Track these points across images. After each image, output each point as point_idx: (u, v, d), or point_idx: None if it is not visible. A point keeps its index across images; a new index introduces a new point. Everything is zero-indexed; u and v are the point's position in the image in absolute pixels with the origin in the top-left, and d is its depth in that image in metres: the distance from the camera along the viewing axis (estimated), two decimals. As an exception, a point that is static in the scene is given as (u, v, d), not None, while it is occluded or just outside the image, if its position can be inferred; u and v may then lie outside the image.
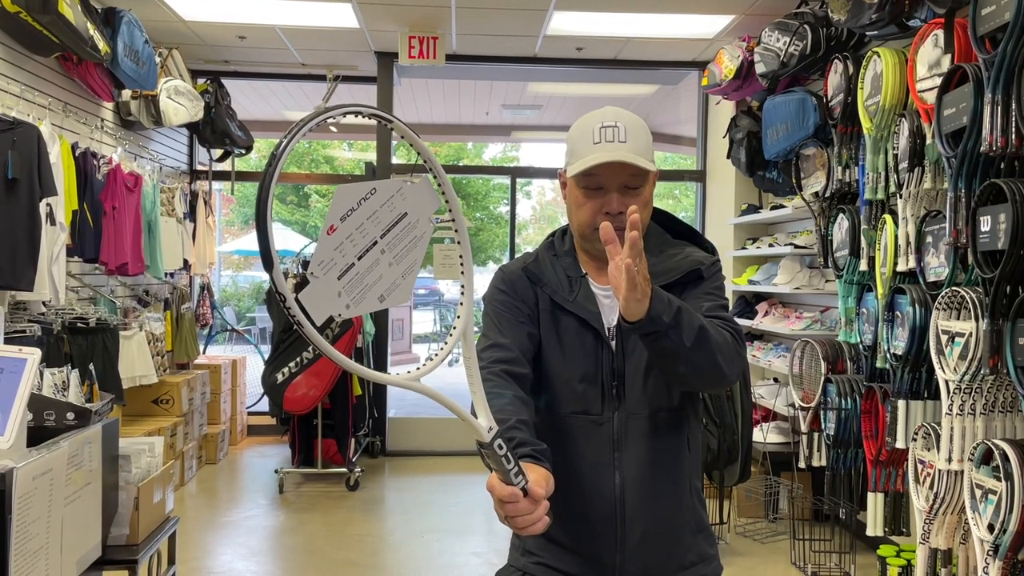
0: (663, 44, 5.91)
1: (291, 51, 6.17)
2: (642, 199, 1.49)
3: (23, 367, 1.91)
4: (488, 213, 19.05)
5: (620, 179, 1.47)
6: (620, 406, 1.51)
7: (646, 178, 1.50)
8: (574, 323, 1.53)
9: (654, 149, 1.59)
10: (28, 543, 1.86)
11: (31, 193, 3.60)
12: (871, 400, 3.63)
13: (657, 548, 1.53)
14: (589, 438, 1.51)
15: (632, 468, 1.50)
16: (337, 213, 1.02)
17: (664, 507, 1.53)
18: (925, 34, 3.16)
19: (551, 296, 1.55)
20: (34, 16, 3.76)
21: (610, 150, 1.45)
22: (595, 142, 1.46)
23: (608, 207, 1.47)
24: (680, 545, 1.55)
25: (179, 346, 5.95)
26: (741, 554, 4.32)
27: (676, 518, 1.55)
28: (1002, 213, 2.53)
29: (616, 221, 1.41)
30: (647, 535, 1.51)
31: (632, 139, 1.46)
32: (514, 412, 1.35)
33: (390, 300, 1.05)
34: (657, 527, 1.53)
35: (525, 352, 1.50)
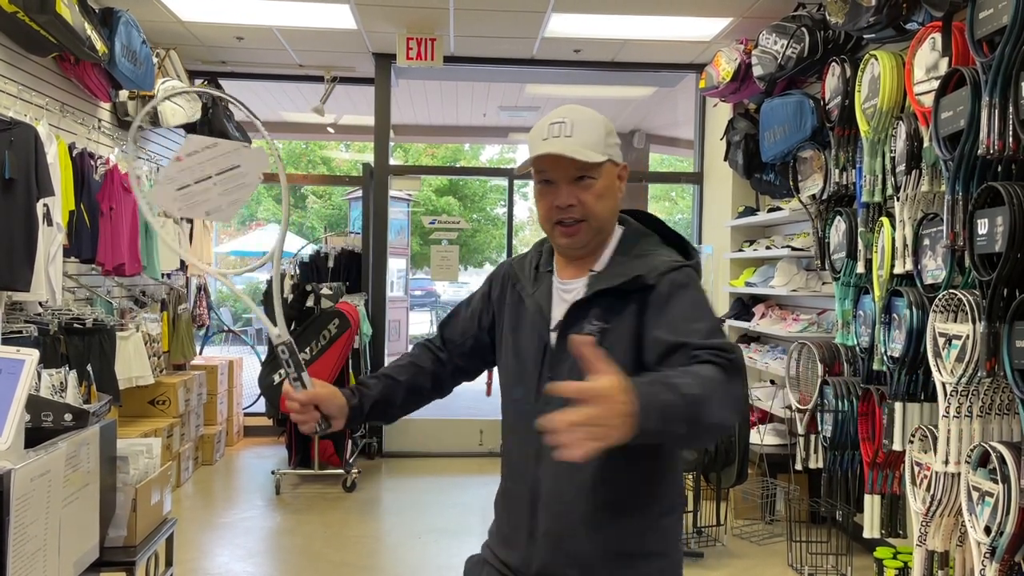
0: (661, 46, 5.92)
1: (289, 52, 6.17)
2: (594, 192, 1.51)
3: (21, 368, 1.90)
4: (485, 215, 19.06)
5: (566, 172, 1.51)
6: (549, 400, 1.47)
7: (596, 170, 1.51)
8: (529, 315, 1.61)
9: (650, 150, 1.59)
10: (26, 545, 1.85)
11: (28, 193, 3.59)
12: (868, 402, 3.63)
13: (559, 549, 1.51)
14: (523, 425, 1.55)
15: (550, 463, 1.49)
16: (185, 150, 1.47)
17: (571, 510, 1.50)
18: (923, 37, 3.16)
19: (519, 290, 1.65)
20: (31, 16, 3.75)
21: (551, 144, 1.49)
22: (543, 139, 1.51)
23: (558, 200, 1.52)
24: (587, 553, 1.49)
25: (176, 347, 5.94)
26: (738, 556, 4.33)
27: (584, 525, 1.49)
28: (999, 216, 2.54)
29: (564, 213, 1.52)
30: (549, 533, 1.52)
31: (579, 133, 1.50)
32: (391, 369, 1.73)
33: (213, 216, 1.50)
34: (559, 528, 1.51)
35: (454, 340, 1.76)
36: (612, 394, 1.15)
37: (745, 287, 5.47)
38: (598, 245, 1.58)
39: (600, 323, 1.50)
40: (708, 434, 1.34)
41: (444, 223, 7.02)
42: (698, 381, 1.28)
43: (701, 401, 1.25)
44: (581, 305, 1.52)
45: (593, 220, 1.53)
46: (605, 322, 1.50)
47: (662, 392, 1.22)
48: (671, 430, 1.24)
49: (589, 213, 1.52)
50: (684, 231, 14.23)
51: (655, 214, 1.70)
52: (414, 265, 16.26)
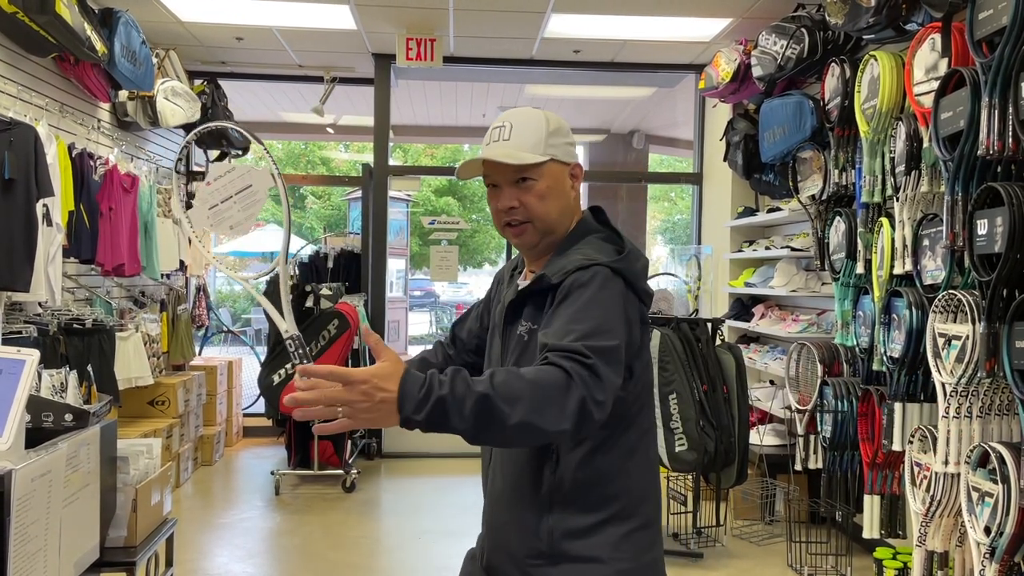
0: (660, 47, 5.93)
1: (288, 52, 6.17)
2: (535, 193, 1.53)
3: (21, 368, 1.90)
4: (484, 215, 19.03)
5: (506, 175, 1.53)
6: None
7: (536, 171, 1.52)
8: (496, 317, 1.66)
9: (650, 150, 1.60)
10: (27, 545, 1.85)
11: (28, 194, 3.59)
12: (867, 403, 3.63)
13: (496, 542, 1.57)
14: None
15: (496, 460, 1.59)
16: (212, 176, 1.70)
17: (504, 504, 1.56)
18: (922, 38, 3.17)
19: (500, 291, 1.72)
20: (31, 16, 3.75)
21: (488, 150, 1.54)
22: (486, 144, 1.56)
23: (499, 202, 1.56)
24: (517, 548, 1.51)
25: (175, 347, 5.94)
26: (737, 556, 4.33)
27: (512, 526, 1.52)
28: (999, 216, 2.54)
29: (509, 215, 1.55)
30: (492, 528, 1.59)
31: (517, 136, 1.52)
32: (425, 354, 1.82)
33: (237, 230, 1.70)
34: (497, 524, 1.58)
35: (462, 338, 1.81)
36: (367, 379, 1.20)
37: (745, 287, 5.47)
38: (551, 245, 1.58)
39: (528, 323, 1.53)
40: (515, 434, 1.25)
41: (443, 224, 7.02)
42: (513, 380, 1.26)
43: (505, 400, 1.23)
44: (515, 306, 1.57)
45: (537, 221, 1.54)
46: (533, 322, 1.53)
47: (443, 387, 1.22)
48: (448, 423, 1.22)
49: (532, 214, 1.53)
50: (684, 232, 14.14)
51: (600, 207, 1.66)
52: (413, 266, 16.25)
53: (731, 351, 4.38)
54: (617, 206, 9.64)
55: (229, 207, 1.67)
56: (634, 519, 1.50)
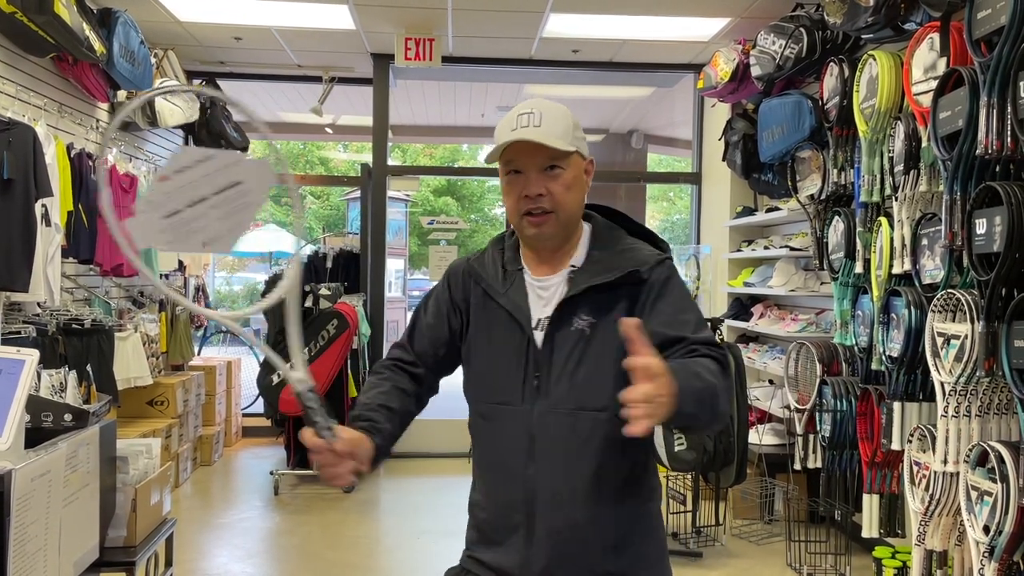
0: (659, 47, 5.93)
1: (287, 52, 6.17)
2: (562, 182, 1.51)
3: (21, 368, 1.90)
4: (483, 215, 19.06)
5: (535, 160, 1.50)
6: (539, 398, 1.50)
7: (565, 160, 1.51)
8: (504, 315, 1.56)
9: (648, 150, 1.60)
10: (26, 545, 1.85)
11: (26, 194, 3.59)
12: (866, 402, 3.64)
13: (563, 549, 1.50)
14: (508, 428, 1.53)
15: (547, 462, 1.50)
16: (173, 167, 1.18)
17: (575, 507, 1.49)
18: (921, 37, 3.17)
19: (485, 289, 1.60)
20: (30, 16, 3.75)
21: (522, 132, 1.48)
22: (512, 129, 1.50)
23: (527, 189, 1.51)
24: (592, 550, 1.50)
25: (174, 347, 5.94)
26: (737, 556, 4.33)
27: (589, 521, 1.50)
28: (997, 216, 2.54)
29: (534, 203, 1.50)
30: (552, 532, 1.50)
31: (547, 123, 1.49)
32: (382, 399, 1.56)
33: (212, 247, 1.21)
34: (564, 526, 1.50)
35: (427, 353, 1.65)
36: (664, 373, 1.22)
37: (743, 287, 5.47)
38: (566, 239, 1.57)
39: (589, 318, 1.50)
40: (719, 423, 1.39)
41: (442, 223, 7.02)
42: (709, 373, 1.37)
43: (716, 391, 1.35)
44: (569, 301, 1.52)
45: (561, 211, 1.52)
46: (593, 317, 1.50)
47: (693, 378, 1.31)
48: (699, 415, 1.33)
49: (557, 204, 1.51)
50: (682, 231, 14.18)
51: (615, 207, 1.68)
52: (412, 265, 16.26)
53: (730, 350, 4.38)
54: (616, 206, 9.61)
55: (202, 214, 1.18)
56: (658, 492, 1.62)
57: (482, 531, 1.61)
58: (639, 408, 1.18)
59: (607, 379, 1.46)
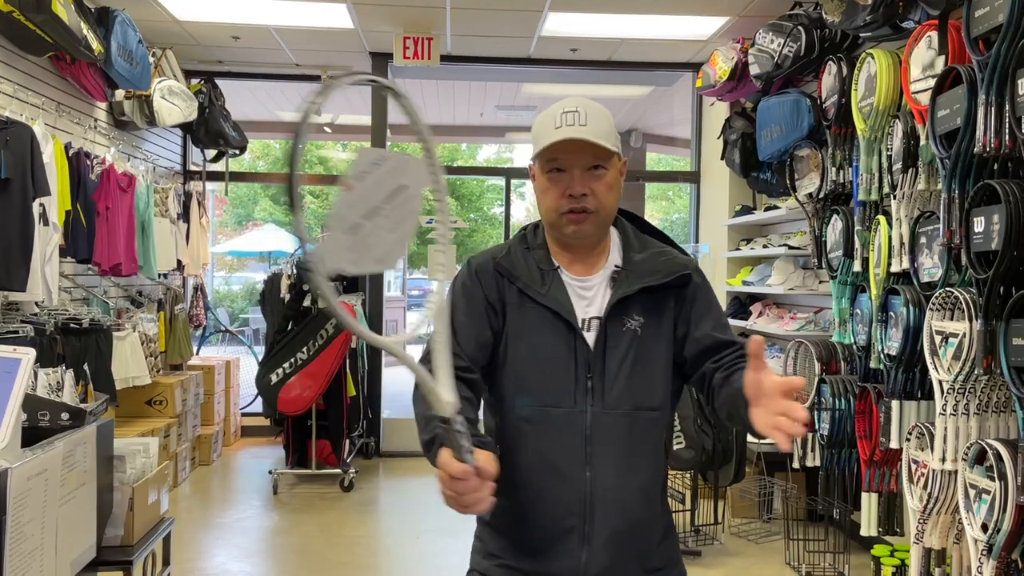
0: (657, 45, 5.92)
1: (285, 51, 6.16)
2: (605, 182, 1.50)
3: (17, 367, 1.90)
4: (482, 214, 19.05)
5: (581, 160, 1.48)
6: (595, 400, 1.49)
7: (609, 160, 1.50)
8: (547, 315, 1.51)
9: (647, 149, 1.60)
10: (23, 544, 1.85)
11: (24, 193, 3.58)
12: (865, 400, 3.64)
13: (624, 549, 1.50)
14: (561, 431, 1.49)
15: (605, 464, 1.48)
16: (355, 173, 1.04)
17: (634, 507, 1.51)
18: (919, 36, 3.17)
19: (522, 289, 1.53)
20: (27, 15, 3.74)
21: (570, 131, 1.47)
22: (556, 127, 1.48)
23: (571, 188, 1.49)
24: (646, 548, 1.54)
25: (172, 347, 5.93)
26: (735, 554, 4.33)
27: (645, 520, 1.53)
28: (995, 214, 2.54)
29: (577, 202, 1.48)
30: (615, 534, 1.48)
31: (593, 123, 1.48)
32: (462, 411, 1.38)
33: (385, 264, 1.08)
34: (626, 527, 1.50)
35: (476, 356, 1.52)
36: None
37: (742, 286, 5.47)
38: (600, 239, 1.57)
39: (640, 319, 1.51)
40: None
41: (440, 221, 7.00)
42: None
43: None
44: (621, 301, 1.51)
45: (602, 211, 1.51)
46: (643, 318, 1.52)
47: None
48: None
49: (600, 204, 1.50)
50: (681, 230, 14.16)
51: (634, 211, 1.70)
52: (411, 265, 16.25)
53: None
54: (614, 205, 9.62)
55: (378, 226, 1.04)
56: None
57: (520, 540, 1.53)
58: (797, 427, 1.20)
59: (659, 379, 1.52)
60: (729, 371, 1.47)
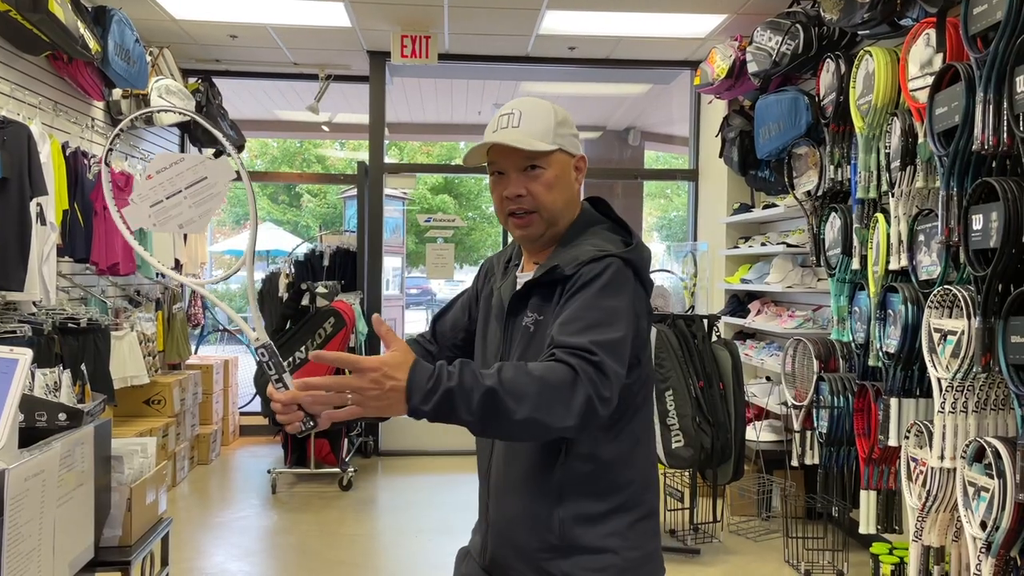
0: (655, 43, 5.92)
1: (283, 50, 6.15)
2: (543, 181, 1.51)
3: (14, 367, 1.89)
4: (480, 212, 19.04)
5: (514, 161, 1.51)
6: None
7: (545, 160, 1.51)
8: (494, 308, 1.63)
9: (645, 147, 1.59)
10: (20, 544, 1.84)
11: (21, 193, 3.58)
12: (863, 398, 3.64)
13: (511, 535, 1.53)
14: None
15: (496, 455, 1.57)
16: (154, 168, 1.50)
17: (512, 498, 1.52)
18: (917, 33, 3.17)
19: (492, 283, 1.68)
20: (24, 14, 3.73)
21: (499, 135, 1.50)
22: (493, 130, 1.52)
23: (507, 190, 1.52)
24: (527, 546, 1.49)
25: (170, 346, 5.93)
26: (734, 552, 4.33)
27: (525, 517, 1.49)
28: (994, 211, 2.54)
29: (515, 204, 1.52)
30: (502, 519, 1.54)
31: (527, 123, 1.50)
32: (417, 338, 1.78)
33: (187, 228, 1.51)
34: (504, 517, 1.54)
35: (445, 334, 1.76)
36: (377, 367, 1.22)
37: (741, 284, 5.47)
38: (554, 238, 1.57)
39: (535, 315, 1.52)
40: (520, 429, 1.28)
41: (439, 221, 7.02)
42: (521, 377, 1.28)
43: (510, 395, 1.25)
44: (520, 297, 1.54)
45: (544, 211, 1.52)
46: (539, 314, 1.51)
47: (451, 378, 1.24)
48: (455, 415, 1.25)
49: (539, 204, 1.51)
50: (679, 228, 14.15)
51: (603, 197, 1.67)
52: (410, 263, 16.25)
53: (727, 347, 4.38)
54: (613, 203, 9.59)
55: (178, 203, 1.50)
56: (640, 508, 1.52)
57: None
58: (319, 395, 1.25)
59: None
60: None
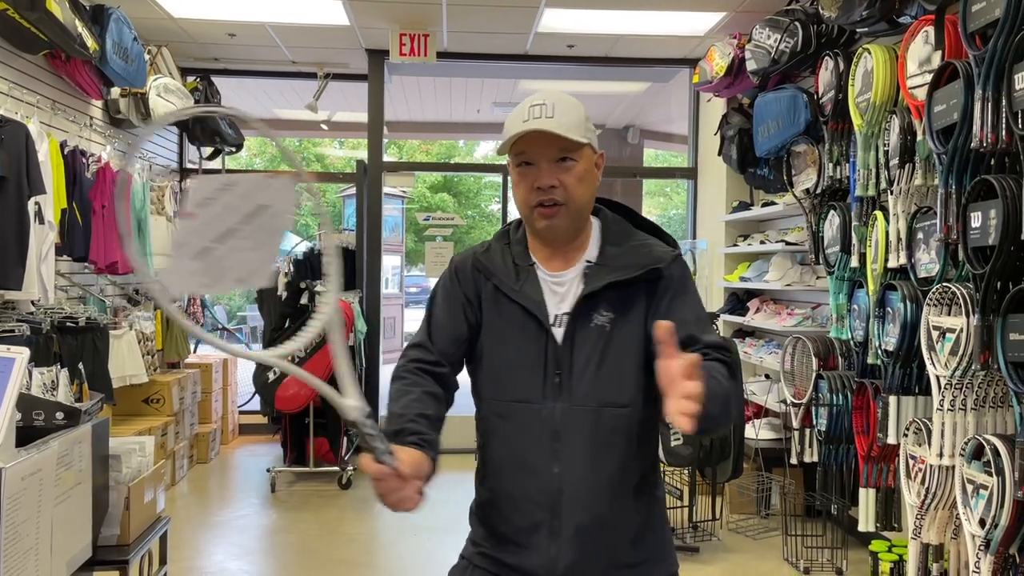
0: (654, 41, 5.91)
1: (281, 49, 6.15)
2: (574, 174, 1.49)
3: (11, 366, 1.89)
4: (479, 211, 19.04)
5: (548, 152, 1.48)
6: (562, 396, 1.49)
7: (577, 152, 1.50)
8: (519, 312, 1.53)
9: (644, 145, 1.59)
10: (18, 543, 1.84)
11: (19, 191, 3.57)
12: (862, 396, 3.64)
13: (591, 544, 1.49)
14: (530, 426, 1.50)
15: (572, 460, 1.48)
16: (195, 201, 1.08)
17: (601, 503, 1.49)
18: (915, 31, 3.16)
19: (498, 286, 1.55)
20: (22, 13, 3.73)
21: (534, 123, 1.47)
22: (524, 120, 1.48)
23: (539, 181, 1.48)
24: (616, 543, 1.51)
25: (169, 345, 5.92)
26: (733, 550, 4.33)
27: (616, 516, 1.51)
28: (992, 209, 2.54)
29: (545, 195, 1.48)
30: (582, 529, 1.48)
31: (560, 114, 1.47)
32: (418, 407, 1.45)
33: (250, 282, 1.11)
34: (592, 522, 1.49)
35: (450, 352, 1.57)
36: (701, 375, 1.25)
37: (739, 282, 5.47)
38: (577, 233, 1.56)
39: (609, 314, 1.50)
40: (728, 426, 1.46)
41: (438, 220, 7.01)
42: (723, 377, 1.40)
43: (731, 395, 1.40)
44: (589, 297, 1.50)
45: (572, 204, 1.50)
46: (613, 313, 1.50)
47: (714, 382, 1.32)
48: (721, 417, 1.35)
49: (569, 196, 1.49)
50: (679, 226, 14.20)
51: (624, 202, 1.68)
52: (409, 262, 16.24)
53: (726, 345, 4.37)
54: (612, 201, 9.62)
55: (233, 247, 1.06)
56: (662, 482, 1.69)
57: (496, 531, 1.56)
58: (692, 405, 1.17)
59: (629, 375, 1.49)
60: None
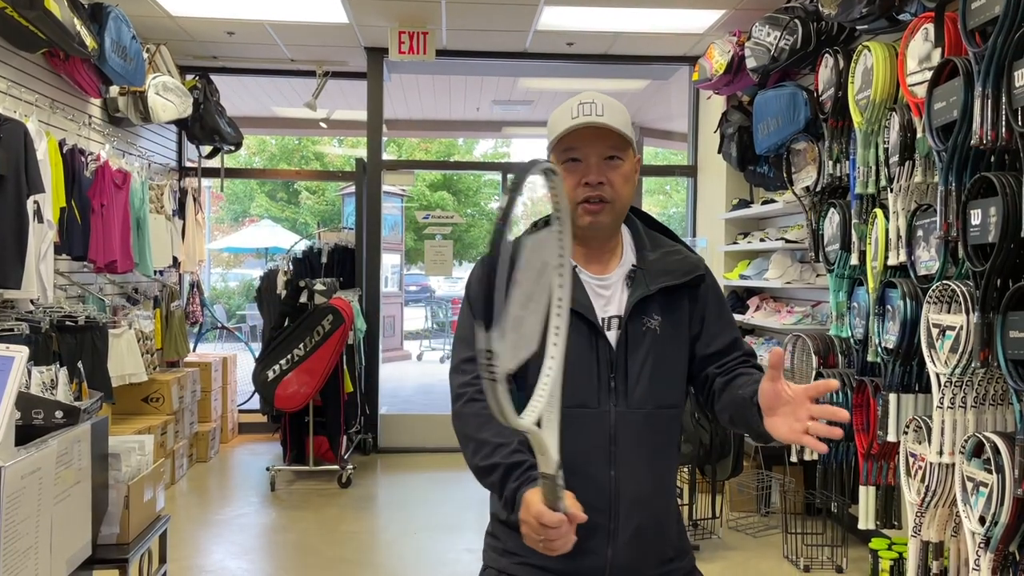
0: (654, 39, 5.91)
1: (280, 47, 6.14)
2: (622, 173, 1.50)
3: (10, 365, 1.89)
4: (479, 209, 19.04)
5: (598, 148, 1.48)
6: (618, 400, 1.49)
7: (625, 152, 1.50)
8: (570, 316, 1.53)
9: (644, 143, 1.59)
10: (17, 542, 1.84)
11: (18, 190, 3.57)
12: (862, 394, 3.63)
13: (647, 543, 1.52)
14: (585, 431, 1.49)
15: (628, 463, 1.49)
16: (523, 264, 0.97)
17: (657, 502, 1.54)
18: (915, 28, 3.16)
19: None
20: (20, 11, 3.72)
21: (588, 119, 1.47)
22: (573, 117, 1.48)
23: (588, 176, 1.48)
24: (665, 541, 1.56)
25: (169, 344, 5.92)
26: (733, 548, 4.33)
27: (665, 514, 1.56)
28: (992, 206, 2.54)
29: (593, 191, 1.48)
30: (640, 530, 1.50)
31: (609, 114, 1.47)
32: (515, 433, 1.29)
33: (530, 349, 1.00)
34: (650, 522, 1.52)
35: None
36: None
37: (739, 280, 5.47)
38: (613, 234, 1.57)
39: (658, 317, 1.53)
40: None
41: (438, 218, 7.01)
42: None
43: None
44: (642, 301, 1.52)
45: (618, 203, 1.51)
46: (662, 317, 1.53)
47: None
48: None
49: (616, 195, 1.50)
50: (679, 224, 14.22)
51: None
52: (408, 260, 16.24)
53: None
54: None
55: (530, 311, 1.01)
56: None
57: None
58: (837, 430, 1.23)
59: (677, 377, 1.55)
60: (731, 376, 1.51)
